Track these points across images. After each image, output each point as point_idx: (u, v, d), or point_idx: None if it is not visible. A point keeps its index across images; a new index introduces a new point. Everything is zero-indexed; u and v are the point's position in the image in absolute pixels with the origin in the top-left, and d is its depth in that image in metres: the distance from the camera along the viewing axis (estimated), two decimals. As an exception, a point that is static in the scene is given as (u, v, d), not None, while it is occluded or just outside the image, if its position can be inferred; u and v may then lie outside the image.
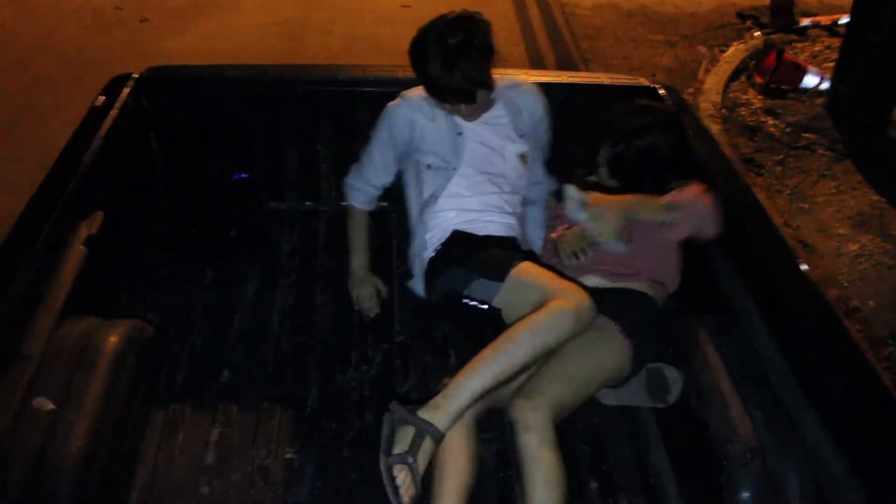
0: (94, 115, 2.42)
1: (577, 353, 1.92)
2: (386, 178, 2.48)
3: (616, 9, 6.26)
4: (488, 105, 2.33)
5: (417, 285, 2.38)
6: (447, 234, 2.30)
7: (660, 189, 2.15)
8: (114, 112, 2.43)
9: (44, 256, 1.94)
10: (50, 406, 1.66)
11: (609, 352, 1.98)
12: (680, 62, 5.54)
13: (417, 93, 2.35)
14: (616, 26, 5.99)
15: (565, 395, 1.86)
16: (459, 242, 2.28)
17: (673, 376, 1.99)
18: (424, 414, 1.76)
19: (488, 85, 2.20)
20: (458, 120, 2.33)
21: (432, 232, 2.33)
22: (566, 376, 1.89)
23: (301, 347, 2.37)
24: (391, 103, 2.38)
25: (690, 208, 2.09)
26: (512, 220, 2.37)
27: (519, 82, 2.46)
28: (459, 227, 2.30)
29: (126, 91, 2.54)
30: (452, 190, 2.33)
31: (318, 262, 2.71)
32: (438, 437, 1.75)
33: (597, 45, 5.61)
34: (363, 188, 2.50)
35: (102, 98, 2.51)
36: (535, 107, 2.45)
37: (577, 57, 5.30)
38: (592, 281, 2.13)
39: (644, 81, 2.80)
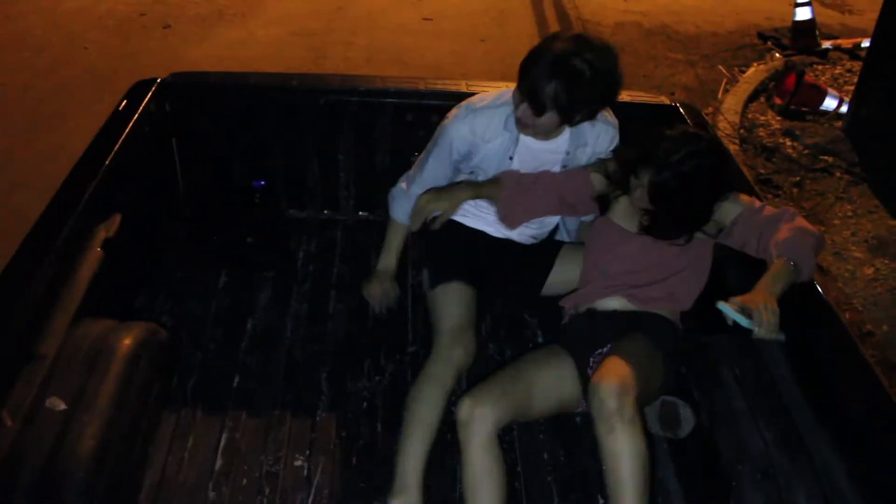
0: (117, 120, 2.45)
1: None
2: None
3: (637, 27, 6.27)
4: (558, 131, 2.24)
5: None
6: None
7: (699, 214, 2.08)
8: (136, 117, 2.45)
9: (62, 258, 1.96)
10: (62, 406, 1.67)
11: None
12: (700, 81, 5.54)
13: (483, 105, 2.25)
14: (637, 44, 6.00)
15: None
16: (447, 230, 2.32)
17: (687, 415, 1.98)
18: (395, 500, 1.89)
19: (569, 119, 2.12)
20: (516, 144, 2.25)
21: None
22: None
23: (313, 355, 2.37)
24: (453, 116, 2.27)
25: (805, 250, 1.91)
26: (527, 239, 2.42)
27: (604, 115, 2.30)
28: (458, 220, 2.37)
29: (149, 96, 2.57)
30: (467, 206, 2.35)
31: (334, 271, 2.72)
32: None
33: (617, 62, 5.62)
34: (407, 203, 2.38)
35: (125, 103, 2.53)
36: (603, 144, 2.33)
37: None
38: (616, 303, 2.11)
39: (664, 100, 2.80)
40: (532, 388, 1.95)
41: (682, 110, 2.69)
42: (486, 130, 2.23)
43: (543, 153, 2.27)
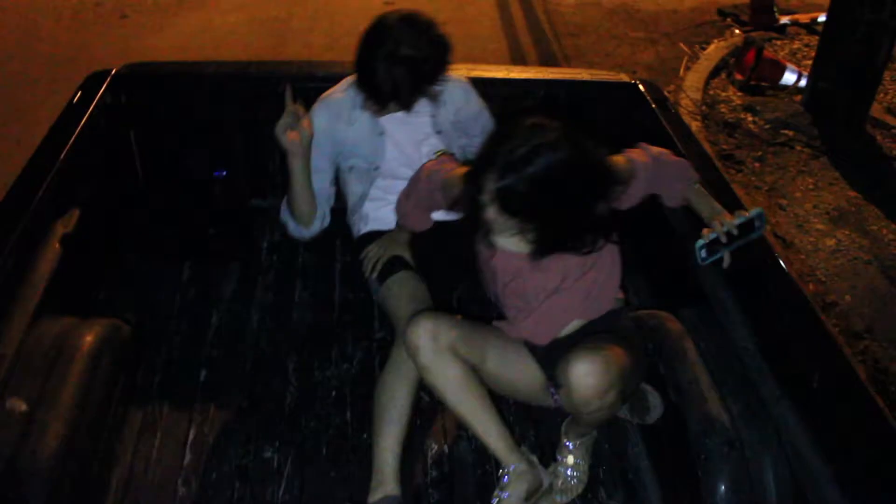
0: (71, 112, 2.40)
1: None
2: (324, 184, 2.33)
3: (598, 6, 6.28)
4: None
5: None
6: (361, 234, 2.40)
7: (579, 215, 1.77)
8: (91, 109, 2.41)
9: (18, 255, 1.92)
10: (23, 407, 1.64)
11: None
12: (661, 59, 5.56)
13: (331, 94, 2.33)
14: (598, 24, 6.00)
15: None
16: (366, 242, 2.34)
17: (656, 402, 1.97)
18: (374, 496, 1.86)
19: (408, 104, 2.23)
20: (381, 119, 2.30)
21: (361, 230, 2.40)
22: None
23: (280, 345, 2.36)
24: (310, 113, 2.27)
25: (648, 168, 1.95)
26: None
27: (449, 76, 2.31)
28: (372, 229, 2.37)
29: (103, 87, 2.52)
30: (375, 193, 2.36)
31: (299, 260, 2.69)
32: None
33: (579, 42, 5.63)
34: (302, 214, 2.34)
35: (80, 94, 2.48)
36: (462, 99, 2.40)
37: (559, 54, 5.32)
38: (573, 326, 1.97)
39: (625, 78, 2.80)
40: (488, 344, 1.90)
41: (642, 88, 2.70)
42: (342, 114, 2.29)
43: (411, 122, 2.33)
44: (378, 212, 2.36)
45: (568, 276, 1.88)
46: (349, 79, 2.31)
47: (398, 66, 2.11)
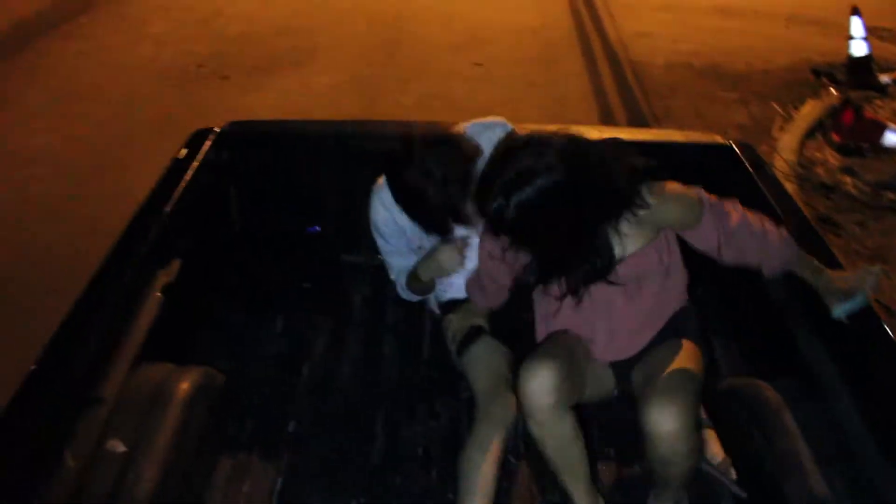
0: (176, 167, 2.51)
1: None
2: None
3: (688, 67, 6.25)
4: None
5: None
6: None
7: (589, 236, 1.77)
8: (195, 164, 2.51)
9: (123, 302, 2.00)
10: (122, 449, 1.69)
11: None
12: (754, 120, 5.47)
13: (383, 184, 2.25)
14: (688, 84, 5.96)
15: None
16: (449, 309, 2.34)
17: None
18: None
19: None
20: None
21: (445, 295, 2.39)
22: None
23: (368, 400, 2.37)
24: (370, 209, 2.32)
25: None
26: None
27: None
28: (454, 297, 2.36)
29: (207, 144, 2.63)
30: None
31: (388, 316, 2.72)
32: None
33: (669, 103, 5.59)
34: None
35: (184, 151, 2.60)
36: None
37: (649, 114, 5.29)
38: (643, 338, 2.00)
39: (718, 139, 2.76)
40: (585, 375, 1.92)
41: (737, 149, 2.65)
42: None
43: None
44: (461, 279, 2.35)
45: (638, 284, 1.91)
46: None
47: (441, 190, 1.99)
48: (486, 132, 2.20)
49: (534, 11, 7.46)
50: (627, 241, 1.85)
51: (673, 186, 1.85)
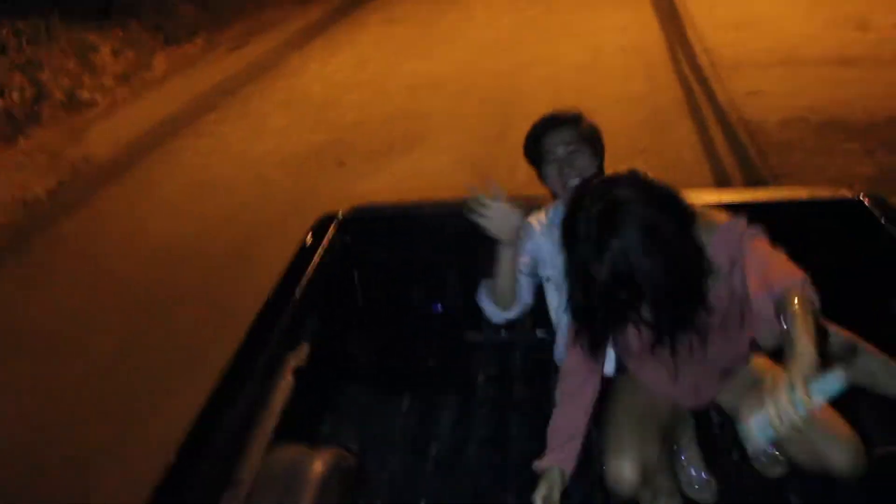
0: (303, 253, 2.62)
1: None
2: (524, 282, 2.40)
3: (804, 122, 6.06)
4: None
5: None
6: None
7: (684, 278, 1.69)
8: (320, 249, 2.62)
9: (257, 386, 2.08)
10: (262, 531, 1.74)
11: None
12: (881, 170, 5.23)
13: (540, 212, 2.46)
14: (806, 139, 5.78)
15: None
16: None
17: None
18: None
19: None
20: None
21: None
22: None
23: (498, 479, 2.35)
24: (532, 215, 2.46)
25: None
26: None
27: None
28: None
29: (331, 229, 2.73)
30: None
31: (514, 393, 2.71)
32: None
33: (787, 160, 5.43)
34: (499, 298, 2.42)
35: (310, 236, 2.71)
36: None
37: (767, 174, 5.14)
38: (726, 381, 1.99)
39: (846, 193, 2.64)
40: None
41: (867, 202, 2.52)
42: (541, 228, 2.38)
43: None
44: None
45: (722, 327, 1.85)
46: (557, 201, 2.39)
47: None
48: None
49: (640, 79, 7.46)
50: None
51: (707, 212, 1.84)
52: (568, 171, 2.25)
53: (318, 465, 1.97)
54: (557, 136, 2.29)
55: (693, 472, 2.16)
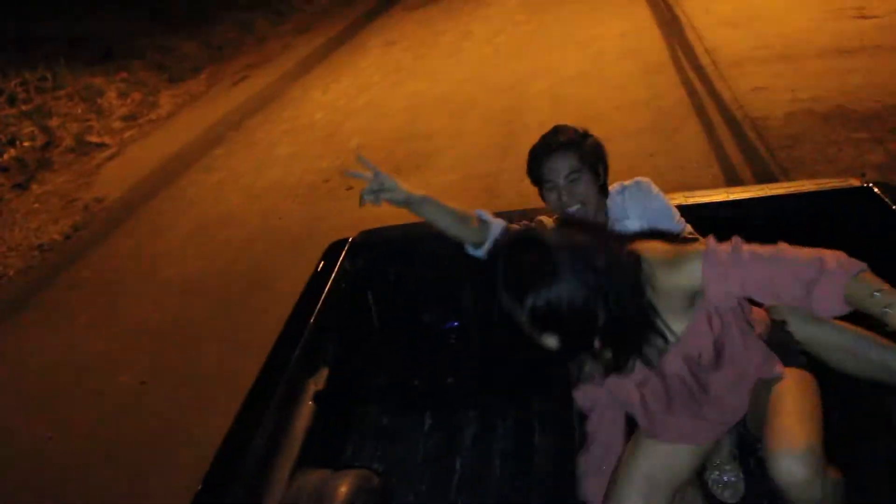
0: (316, 279, 2.63)
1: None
2: None
3: (810, 114, 6.05)
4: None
5: None
6: None
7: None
8: (333, 275, 2.63)
9: (279, 413, 2.09)
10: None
11: None
12: (891, 157, 5.20)
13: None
14: (813, 132, 5.76)
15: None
16: None
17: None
18: None
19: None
20: None
21: None
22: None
23: (523, 491, 2.34)
24: None
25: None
26: None
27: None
28: None
29: (343, 255, 2.75)
30: None
31: (534, 405, 2.70)
32: None
33: (794, 153, 5.41)
34: None
35: (322, 263, 2.73)
36: (637, 201, 2.39)
37: (776, 168, 5.13)
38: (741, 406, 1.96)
39: (855, 182, 2.63)
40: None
41: (877, 191, 2.51)
42: None
43: None
44: None
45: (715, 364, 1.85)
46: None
47: None
48: (616, 196, 2.38)
49: (642, 84, 7.46)
50: (672, 324, 1.78)
51: (657, 248, 1.76)
52: (567, 200, 2.23)
53: (344, 487, 1.97)
54: (557, 162, 2.25)
55: (722, 475, 2.15)
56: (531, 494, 2.32)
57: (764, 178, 5.12)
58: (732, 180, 5.31)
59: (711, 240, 1.74)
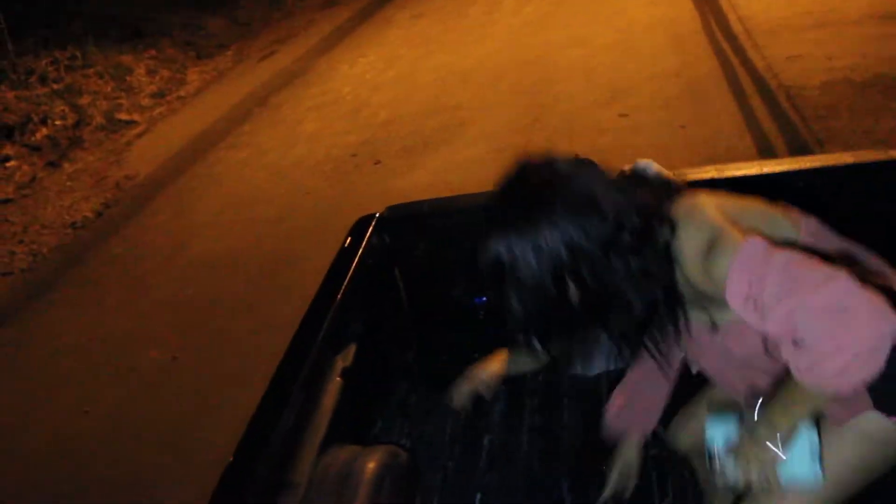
0: (342, 256, 2.61)
1: None
2: None
3: (848, 83, 5.90)
4: None
5: None
6: None
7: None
8: (360, 251, 2.61)
9: (307, 390, 2.08)
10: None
11: None
12: (933, 127, 5.06)
13: None
14: (850, 101, 5.62)
15: None
16: None
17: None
18: None
19: None
20: None
21: None
22: None
23: (552, 466, 2.33)
24: None
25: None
26: None
27: None
28: None
29: (370, 231, 2.73)
30: None
31: (564, 380, 2.68)
32: None
33: (831, 124, 5.28)
34: None
35: (349, 239, 2.71)
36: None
37: (811, 140, 5.01)
38: None
39: (894, 154, 2.55)
40: None
41: (922, 160, 2.43)
42: None
43: None
44: None
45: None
46: None
47: None
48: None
49: (673, 53, 7.33)
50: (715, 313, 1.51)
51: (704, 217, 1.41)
52: None
53: (372, 464, 1.96)
54: None
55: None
56: (560, 471, 2.30)
57: (798, 150, 5.01)
58: (765, 152, 5.21)
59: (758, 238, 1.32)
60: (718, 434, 1.43)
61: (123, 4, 11.05)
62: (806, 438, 1.35)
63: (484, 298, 2.79)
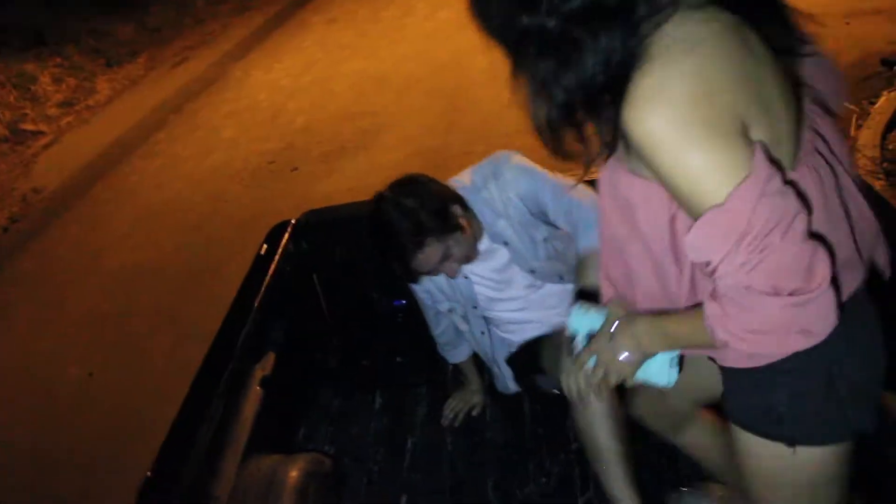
0: (259, 263, 2.60)
1: None
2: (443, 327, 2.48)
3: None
4: (470, 248, 2.15)
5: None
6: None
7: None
8: (276, 258, 2.60)
9: (225, 400, 2.06)
10: (242, 544, 1.73)
11: None
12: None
13: None
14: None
15: None
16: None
17: None
18: None
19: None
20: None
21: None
22: None
23: (477, 465, 2.35)
24: None
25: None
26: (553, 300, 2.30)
27: (478, 184, 2.29)
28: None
29: (286, 237, 2.71)
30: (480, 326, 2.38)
31: (486, 378, 2.71)
32: None
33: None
34: (442, 345, 2.52)
35: (265, 246, 2.69)
36: (517, 188, 2.20)
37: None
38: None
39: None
40: None
41: None
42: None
43: (488, 261, 2.23)
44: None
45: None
46: None
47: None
48: (479, 170, 2.34)
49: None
50: None
51: None
52: (454, 269, 2.14)
53: (295, 472, 1.96)
54: (421, 262, 2.10)
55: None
56: (485, 468, 2.33)
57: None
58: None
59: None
60: (582, 326, 1.40)
61: (25, 10, 10.64)
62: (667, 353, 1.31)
63: (403, 302, 2.81)
